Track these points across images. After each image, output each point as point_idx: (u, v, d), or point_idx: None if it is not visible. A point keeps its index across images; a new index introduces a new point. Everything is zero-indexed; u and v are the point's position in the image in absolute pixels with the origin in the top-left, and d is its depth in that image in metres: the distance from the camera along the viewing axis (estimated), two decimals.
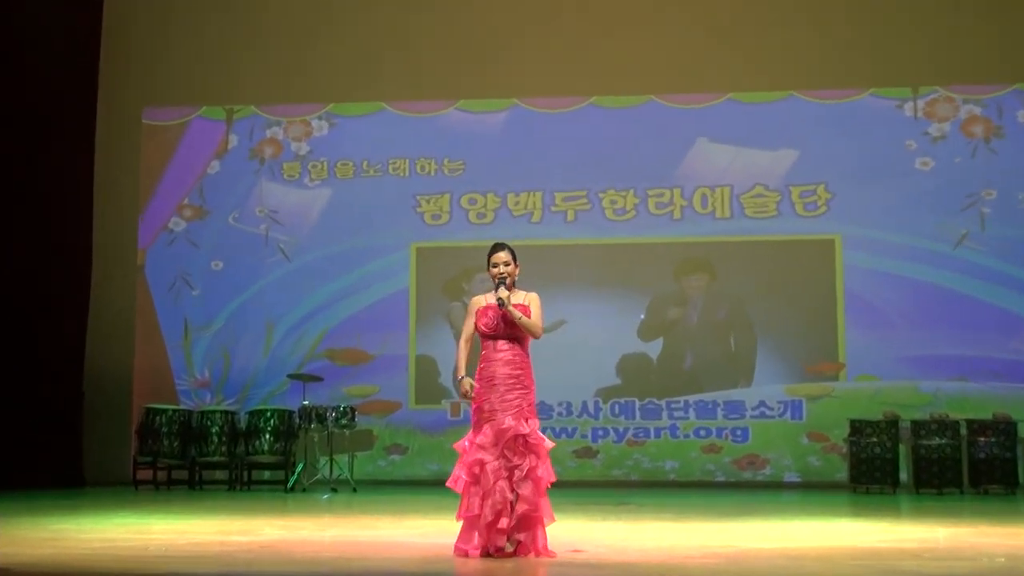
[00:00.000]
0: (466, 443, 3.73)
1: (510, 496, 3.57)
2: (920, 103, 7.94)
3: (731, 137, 8.20)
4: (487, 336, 3.83)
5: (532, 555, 3.57)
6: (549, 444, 3.73)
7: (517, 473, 3.59)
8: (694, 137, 8.27)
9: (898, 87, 8.01)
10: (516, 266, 3.87)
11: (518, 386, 3.70)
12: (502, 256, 3.85)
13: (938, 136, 7.91)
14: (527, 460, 3.61)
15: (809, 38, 8.06)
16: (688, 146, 8.27)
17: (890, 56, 8.04)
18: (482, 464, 3.62)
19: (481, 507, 3.55)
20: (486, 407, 3.69)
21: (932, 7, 7.95)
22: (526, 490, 3.58)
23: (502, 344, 3.77)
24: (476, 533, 3.58)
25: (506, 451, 3.61)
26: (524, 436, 3.62)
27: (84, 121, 8.36)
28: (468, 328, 3.85)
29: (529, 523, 3.58)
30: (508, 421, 3.65)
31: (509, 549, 3.55)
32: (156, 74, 8.90)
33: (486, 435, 3.64)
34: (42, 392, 7.60)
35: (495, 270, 3.84)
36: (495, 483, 3.55)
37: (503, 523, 3.52)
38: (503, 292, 3.78)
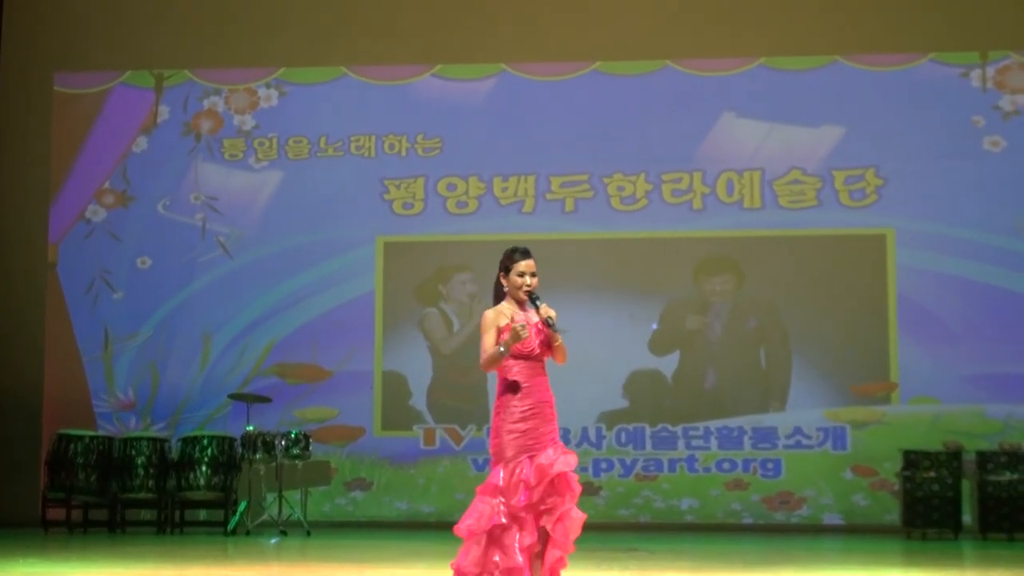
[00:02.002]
0: (499, 481, 3.91)
1: (537, 546, 3.86)
2: (990, 71, 8.32)
3: (763, 111, 8.55)
4: (522, 358, 4.01)
5: None
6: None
7: (546, 518, 3.86)
8: (719, 111, 8.60)
9: (964, 51, 8.33)
10: None
11: (553, 416, 3.99)
12: (531, 264, 4.05)
13: (1011, 111, 8.35)
14: (564, 500, 3.89)
15: None
16: (711, 122, 8.62)
17: (954, 15, 8.31)
18: (529, 507, 3.84)
19: (525, 556, 3.82)
20: (518, 441, 3.93)
21: None
22: (560, 534, 3.87)
23: (538, 368, 4.02)
24: None
25: (546, 489, 3.88)
26: (565, 474, 3.90)
27: None
28: (488, 344, 4.06)
29: (556, 573, 3.90)
30: (550, 455, 3.91)
31: None
32: (70, 31, 9.24)
33: (529, 472, 3.87)
34: None
35: (521, 280, 4.03)
36: (537, 528, 3.83)
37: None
38: (550, 310, 3.99)
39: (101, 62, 9.31)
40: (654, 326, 8.51)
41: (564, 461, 3.92)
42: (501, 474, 3.90)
